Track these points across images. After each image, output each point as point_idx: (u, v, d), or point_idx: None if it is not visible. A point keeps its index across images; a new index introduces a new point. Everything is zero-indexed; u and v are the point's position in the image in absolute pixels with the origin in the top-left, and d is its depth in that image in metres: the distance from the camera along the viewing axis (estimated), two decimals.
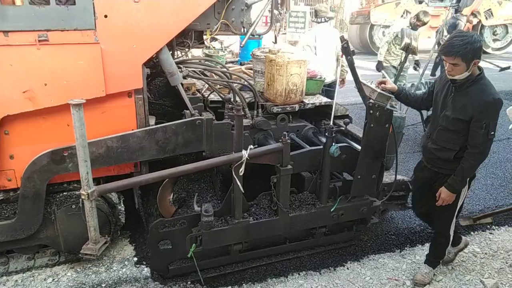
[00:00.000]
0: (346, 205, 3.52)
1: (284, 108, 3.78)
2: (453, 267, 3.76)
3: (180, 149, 3.40)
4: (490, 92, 2.87)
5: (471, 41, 2.77)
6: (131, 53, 3.11)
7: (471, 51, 2.77)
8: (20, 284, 3.37)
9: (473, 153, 2.93)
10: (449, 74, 2.93)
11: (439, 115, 3.10)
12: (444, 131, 3.06)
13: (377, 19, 15.99)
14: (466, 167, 2.98)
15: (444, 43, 2.93)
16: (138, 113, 3.30)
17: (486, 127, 2.83)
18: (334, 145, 3.27)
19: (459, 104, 2.95)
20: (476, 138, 2.88)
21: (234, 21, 3.57)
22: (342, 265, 3.74)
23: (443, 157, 3.10)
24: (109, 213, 3.45)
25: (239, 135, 3.02)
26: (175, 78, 3.40)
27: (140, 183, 2.90)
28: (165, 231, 3.12)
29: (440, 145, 3.11)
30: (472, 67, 2.84)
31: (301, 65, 3.68)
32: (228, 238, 3.21)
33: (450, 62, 2.84)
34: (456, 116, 2.95)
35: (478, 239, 4.22)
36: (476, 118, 2.85)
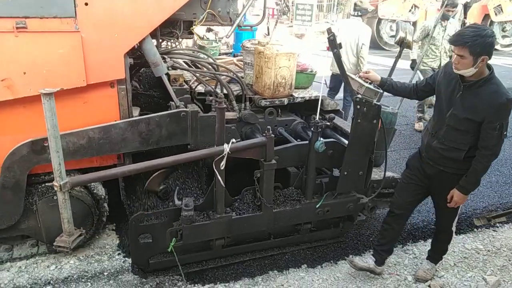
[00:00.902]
0: (332, 201, 3.41)
1: (272, 102, 3.67)
2: (456, 264, 3.69)
3: (164, 142, 3.32)
4: (502, 92, 2.69)
5: (482, 34, 2.58)
6: (113, 42, 3.02)
7: (480, 45, 2.56)
8: (24, 270, 3.36)
9: (486, 154, 2.78)
10: (455, 68, 2.73)
11: (446, 114, 2.88)
12: (453, 131, 2.87)
13: (384, 13, 15.70)
14: (479, 168, 2.83)
15: (456, 32, 2.79)
16: (121, 103, 3.21)
17: (499, 128, 2.69)
18: (319, 140, 3.16)
19: (469, 103, 2.75)
20: (489, 139, 2.73)
21: (220, 11, 3.47)
22: (344, 259, 3.68)
23: (452, 157, 2.90)
24: (92, 205, 3.38)
25: (220, 128, 2.92)
26: (159, 69, 3.31)
27: (115, 176, 2.82)
28: (146, 224, 3.04)
29: (448, 144, 2.90)
30: (480, 63, 2.62)
31: (290, 57, 3.56)
32: (209, 233, 3.13)
33: (457, 53, 2.65)
34: (466, 116, 2.76)
35: (481, 236, 4.15)
36: (489, 120, 2.69)
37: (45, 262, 3.44)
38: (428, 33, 6.27)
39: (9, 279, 3.25)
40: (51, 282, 3.24)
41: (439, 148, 2.94)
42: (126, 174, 2.77)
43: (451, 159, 2.91)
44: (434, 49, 6.38)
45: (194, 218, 3.05)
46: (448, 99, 2.87)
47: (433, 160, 3.03)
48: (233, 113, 3.53)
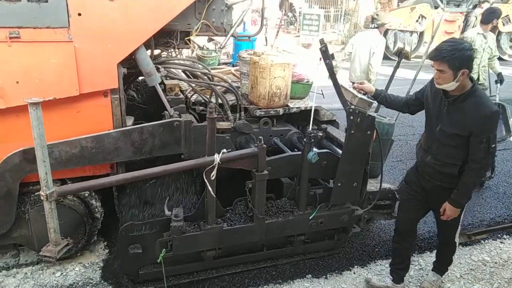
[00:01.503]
0: (325, 213, 3.35)
1: (267, 112, 3.63)
2: (462, 276, 3.64)
3: (157, 151, 3.29)
4: (486, 105, 2.66)
5: (460, 48, 2.57)
6: (106, 52, 3.01)
7: (458, 58, 2.56)
8: (30, 276, 3.36)
9: (475, 168, 2.74)
10: (436, 83, 2.73)
11: (435, 129, 2.86)
12: (444, 147, 2.83)
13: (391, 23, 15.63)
14: (469, 182, 2.80)
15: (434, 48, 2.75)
16: (114, 113, 3.20)
17: (486, 141, 2.65)
18: (312, 151, 3.11)
19: (454, 119, 2.73)
20: (477, 153, 2.69)
21: (214, 21, 3.45)
22: (349, 269, 3.65)
23: (447, 172, 2.86)
24: (85, 214, 3.35)
25: (211, 138, 2.88)
26: (153, 79, 3.29)
27: (103, 185, 2.79)
28: (135, 234, 3.00)
29: (441, 160, 2.86)
30: (461, 77, 2.61)
31: (285, 68, 3.52)
32: (200, 244, 3.08)
33: (437, 68, 2.65)
34: (453, 132, 2.74)
35: (488, 247, 4.09)
36: (475, 134, 2.66)
37: (50, 269, 3.45)
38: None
39: (15, 285, 3.27)
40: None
41: (433, 163, 2.90)
42: (114, 184, 2.75)
43: (447, 174, 2.86)
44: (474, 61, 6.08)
45: (185, 229, 3.00)
46: (436, 115, 2.85)
47: (429, 175, 2.98)
48: (227, 123, 3.50)
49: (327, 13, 18.56)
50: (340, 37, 17.54)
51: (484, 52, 5.85)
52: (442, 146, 2.83)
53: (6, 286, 3.24)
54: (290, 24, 19.52)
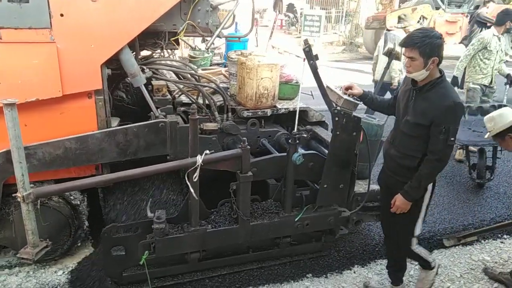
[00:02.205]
0: (312, 215, 3.28)
1: (255, 113, 3.57)
2: (462, 275, 3.60)
3: (143, 152, 3.24)
4: (450, 95, 2.62)
5: (431, 35, 2.57)
6: (89, 53, 2.97)
7: (429, 45, 2.54)
8: (32, 275, 3.33)
9: (432, 159, 2.69)
10: (407, 72, 2.71)
11: (401, 121, 2.84)
12: (406, 137, 2.80)
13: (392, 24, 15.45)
14: (423, 173, 2.74)
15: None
16: (98, 114, 3.15)
17: (445, 132, 2.59)
18: (297, 152, 3.04)
19: (419, 108, 2.70)
20: (436, 144, 2.64)
21: (200, 22, 3.39)
22: (349, 268, 3.61)
23: (406, 165, 2.82)
24: (70, 215, 3.30)
25: (193, 139, 2.82)
26: (137, 80, 3.24)
27: (81, 187, 2.74)
28: (118, 236, 2.95)
29: (402, 151, 2.83)
30: (431, 65, 2.58)
31: (273, 69, 3.46)
32: (183, 246, 3.02)
33: (408, 55, 2.63)
34: (416, 121, 2.70)
35: (489, 247, 4.04)
36: (436, 123, 2.62)
37: (52, 267, 3.42)
38: (486, 46, 5.75)
39: (17, 283, 3.22)
40: (58, 287, 3.22)
41: (395, 155, 2.87)
42: (93, 185, 2.70)
43: (406, 167, 2.81)
44: (486, 64, 5.79)
45: (168, 231, 2.95)
46: (404, 107, 2.82)
47: (391, 169, 2.94)
48: (214, 124, 3.44)
49: (328, 14, 18.47)
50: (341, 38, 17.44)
51: (497, 55, 5.72)
52: (405, 137, 2.79)
53: (8, 284, 3.22)
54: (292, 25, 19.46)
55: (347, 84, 3.11)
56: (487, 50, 5.73)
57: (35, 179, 3.10)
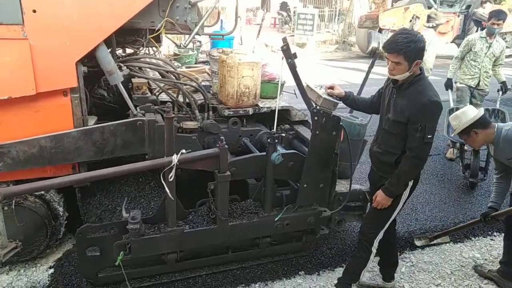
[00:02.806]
0: (291, 214, 3.20)
1: (236, 111, 3.49)
2: (453, 272, 3.60)
3: (120, 151, 3.15)
4: (427, 93, 2.61)
5: (415, 40, 2.54)
6: (64, 50, 2.86)
7: (414, 50, 2.54)
8: (23, 273, 3.28)
9: (409, 156, 2.69)
10: (390, 74, 2.69)
11: (383, 119, 2.86)
12: (387, 135, 2.82)
13: (385, 23, 15.36)
14: (402, 170, 2.74)
15: (388, 39, 2.67)
16: (74, 112, 3.05)
17: (422, 130, 2.58)
18: (276, 151, 2.96)
19: (398, 106, 2.70)
20: (413, 141, 2.64)
21: (178, 19, 3.30)
22: (341, 266, 3.56)
23: (386, 161, 2.85)
24: (46, 216, 3.21)
25: (169, 138, 2.74)
26: (114, 77, 3.14)
27: (51, 187, 2.65)
28: (93, 237, 2.87)
29: (383, 148, 2.87)
30: (414, 67, 2.61)
31: (254, 67, 3.37)
32: (160, 247, 2.94)
33: (393, 60, 2.60)
34: (396, 119, 2.71)
35: (479, 244, 4.05)
36: (412, 120, 2.62)
37: (44, 266, 3.35)
38: (471, 48, 5.68)
39: (8, 282, 3.15)
40: (50, 286, 3.15)
41: (377, 152, 2.91)
42: (62, 185, 2.61)
43: (387, 164, 2.84)
44: (473, 66, 5.70)
45: (144, 231, 2.87)
46: (386, 106, 2.82)
47: (375, 165, 2.99)
48: (194, 123, 3.35)
49: (321, 12, 18.37)
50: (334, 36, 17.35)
51: (486, 57, 5.59)
52: (386, 135, 2.81)
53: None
54: (285, 23, 19.34)
55: (329, 84, 3.05)
56: (472, 52, 5.67)
57: (9, 178, 3.02)
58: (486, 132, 3.04)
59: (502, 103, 6.17)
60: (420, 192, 4.97)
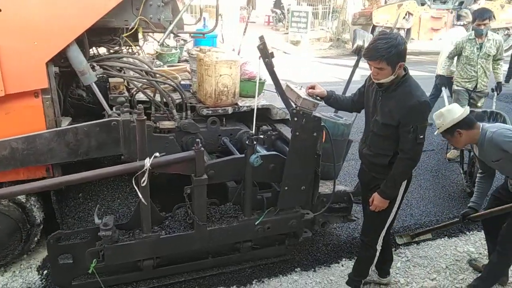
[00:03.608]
0: (273, 218, 3.06)
1: (215, 111, 3.34)
2: (448, 266, 3.58)
3: (95, 152, 3.01)
4: (415, 94, 2.51)
5: (395, 44, 2.42)
6: (32, 50, 2.71)
7: (395, 55, 2.43)
8: (18, 275, 3.19)
9: (403, 158, 2.61)
10: (374, 79, 2.59)
11: (371, 120, 2.74)
12: (376, 137, 2.72)
13: (379, 20, 15.20)
14: (397, 172, 2.66)
15: (368, 46, 2.55)
16: (46, 114, 2.90)
17: (414, 131, 2.50)
18: (255, 154, 2.81)
19: (386, 108, 2.60)
20: (405, 143, 2.56)
21: (152, 18, 3.15)
22: (337, 262, 3.56)
23: (379, 163, 2.75)
24: (21, 220, 3.06)
25: (141, 141, 2.59)
26: (86, 77, 2.99)
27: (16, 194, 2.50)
28: (65, 244, 2.73)
29: (373, 151, 2.77)
30: (398, 70, 2.50)
31: (232, 65, 3.22)
32: (135, 254, 2.79)
33: (375, 67, 2.50)
34: (384, 121, 2.60)
35: (473, 239, 4.02)
36: (403, 123, 2.53)
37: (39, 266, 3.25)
38: (461, 52, 5.39)
39: (3, 283, 3.08)
40: (46, 287, 3.07)
41: (368, 154, 2.80)
42: (27, 192, 2.47)
43: (379, 165, 2.74)
44: (469, 69, 5.39)
45: (117, 238, 2.72)
46: (372, 106, 2.70)
47: (366, 166, 2.87)
48: (171, 123, 3.21)
49: (315, 10, 18.13)
50: (328, 34, 17.15)
51: (480, 59, 5.28)
52: (375, 137, 2.72)
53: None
54: (279, 21, 19.11)
55: (311, 84, 2.91)
56: (464, 56, 5.37)
57: None
58: (471, 132, 2.90)
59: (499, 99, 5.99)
60: (415, 187, 4.90)
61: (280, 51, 15.32)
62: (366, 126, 2.85)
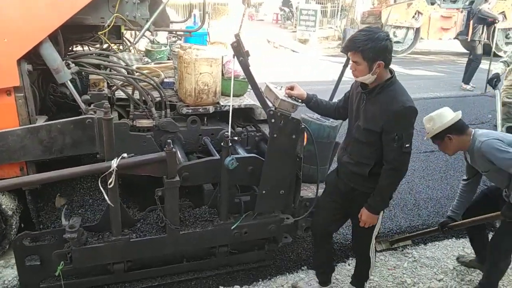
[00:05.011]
0: (250, 222, 2.88)
1: (195, 109, 3.17)
2: (455, 267, 3.48)
3: (69, 150, 2.88)
4: (399, 99, 2.28)
5: (374, 38, 2.21)
6: (3, 47, 2.59)
7: (371, 49, 2.21)
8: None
9: (388, 169, 2.37)
10: (353, 75, 2.38)
11: (353, 126, 2.52)
12: (358, 144, 2.48)
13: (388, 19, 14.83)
14: (383, 185, 2.42)
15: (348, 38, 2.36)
16: (19, 113, 2.78)
17: (399, 139, 2.27)
18: (229, 156, 2.64)
19: (369, 113, 2.37)
20: (389, 152, 2.33)
21: (128, 15, 3.00)
22: (344, 261, 3.48)
23: (358, 173, 2.51)
24: None
25: (108, 141, 2.44)
26: (61, 75, 2.86)
27: None
28: (32, 245, 2.59)
29: (354, 159, 2.53)
30: (377, 69, 2.26)
31: (212, 63, 3.05)
32: (103, 257, 2.64)
33: (352, 60, 2.31)
34: (367, 127, 2.37)
35: None
36: (386, 130, 2.30)
37: None
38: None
39: (13, 276, 2.99)
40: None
41: (347, 162, 2.55)
42: None
43: (359, 175, 2.50)
44: None
45: (85, 240, 2.59)
46: (355, 111, 2.48)
47: (345, 176, 2.61)
48: (149, 121, 3.06)
49: (324, 8, 17.78)
50: (337, 32, 16.83)
51: None
52: (357, 144, 2.49)
53: (4, 277, 2.98)
54: (287, 19, 18.83)
55: (290, 85, 2.72)
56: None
57: None
58: (461, 138, 2.69)
59: None
60: (423, 187, 4.73)
61: (288, 49, 15.09)
62: (348, 132, 2.63)
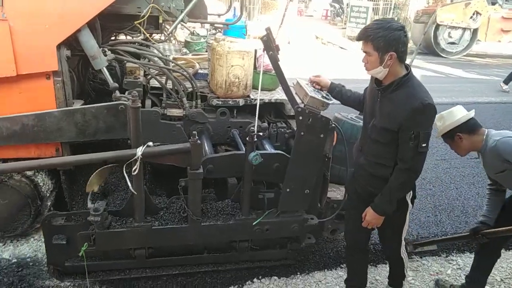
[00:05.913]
0: (272, 220, 2.80)
1: (225, 101, 3.12)
2: (503, 279, 3.33)
3: (102, 134, 2.92)
4: (418, 96, 2.11)
5: (386, 27, 2.08)
6: (44, 33, 2.65)
7: (382, 38, 2.07)
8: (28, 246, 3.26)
9: (402, 168, 2.22)
10: (365, 68, 2.25)
11: (368, 125, 2.34)
12: (374, 144, 2.32)
13: (443, 19, 13.99)
14: (393, 185, 2.26)
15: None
16: (57, 96, 2.86)
17: (415, 138, 2.12)
18: (254, 151, 2.56)
19: (385, 110, 2.22)
20: (405, 151, 2.18)
21: (163, 6, 2.99)
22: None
23: (378, 175, 2.34)
24: (31, 195, 3.06)
25: (135, 129, 2.44)
26: (97, 62, 2.89)
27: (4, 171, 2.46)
28: (59, 224, 2.66)
29: (371, 160, 2.36)
30: (389, 61, 2.11)
31: (244, 56, 2.97)
32: (125, 242, 2.67)
33: (363, 50, 2.18)
34: (383, 126, 2.21)
35: None
36: (403, 128, 2.14)
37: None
38: None
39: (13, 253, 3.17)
40: None
41: (365, 164, 2.38)
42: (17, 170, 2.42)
43: (379, 178, 2.31)
44: None
45: (109, 224, 2.62)
46: (370, 109, 2.32)
47: (363, 179, 2.44)
48: (180, 110, 3.05)
49: (375, 5, 17.13)
50: None
51: None
52: (373, 144, 2.33)
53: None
54: (337, 15, 18.35)
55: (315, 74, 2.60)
56: None
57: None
58: (473, 138, 2.48)
59: None
60: (472, 195, 4.54)
61: (336, 46, 14.73)
62: (363, 131, 2.46)
